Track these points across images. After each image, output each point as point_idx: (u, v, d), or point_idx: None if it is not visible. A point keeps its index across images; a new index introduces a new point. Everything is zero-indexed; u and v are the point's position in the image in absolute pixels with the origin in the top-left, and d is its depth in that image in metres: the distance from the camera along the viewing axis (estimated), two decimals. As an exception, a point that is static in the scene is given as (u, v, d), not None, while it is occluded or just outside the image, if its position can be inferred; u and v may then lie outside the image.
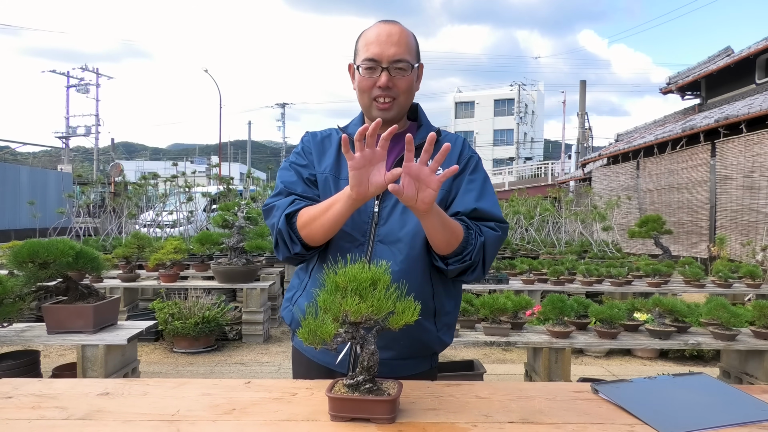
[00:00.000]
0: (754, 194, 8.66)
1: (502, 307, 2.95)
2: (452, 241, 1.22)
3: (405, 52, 1.31)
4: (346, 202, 1.17)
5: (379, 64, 1.30)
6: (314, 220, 1.23)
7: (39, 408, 1.07)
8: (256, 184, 11.82)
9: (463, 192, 1.34)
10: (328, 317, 1.00)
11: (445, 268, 1.27)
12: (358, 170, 1.11)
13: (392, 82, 1.31)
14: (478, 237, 1.26)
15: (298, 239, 1.27)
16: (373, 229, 1.31)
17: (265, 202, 1.38)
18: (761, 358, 2.90)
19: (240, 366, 4.42)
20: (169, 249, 5.20)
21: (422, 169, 1.07)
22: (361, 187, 1.12)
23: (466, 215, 1.30)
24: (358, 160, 1.09)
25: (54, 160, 32.42)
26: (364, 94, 1.34)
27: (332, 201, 1.22)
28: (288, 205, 1.30)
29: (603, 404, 1.12)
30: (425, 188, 1.08)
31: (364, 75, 1.32)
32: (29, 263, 2.60)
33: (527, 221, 9.27)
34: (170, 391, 1.17)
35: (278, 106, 45.18)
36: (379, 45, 1.29)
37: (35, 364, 3.29)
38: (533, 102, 51.39)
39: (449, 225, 1.21)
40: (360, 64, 1.32)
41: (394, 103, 1.33)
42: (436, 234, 1.20)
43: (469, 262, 1.24)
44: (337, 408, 1.01)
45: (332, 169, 1.37)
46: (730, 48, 14.53)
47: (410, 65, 1.32)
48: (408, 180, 1.08)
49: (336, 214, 1.20)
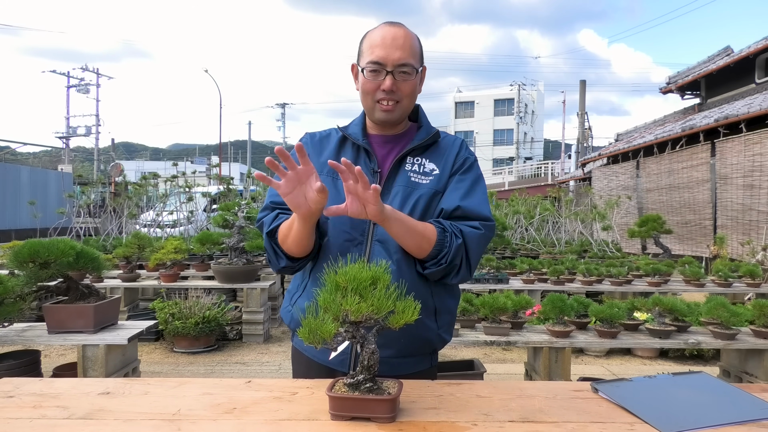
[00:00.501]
0: (754, 194, 8.66)
1: (502, 306, 2.95)
2: (424, 245, 1.24)
3: (410, 56, 1.31)
4: (300, 221, 1.20)
5: (383, 67, 1.30)
6: (287, 237, 1.27)
7: (40, 407, 1.08)
8: (257, 184, 11.81)
9: (450, 191, 1.35)
10: (328, 316, 1.00)
11: (422, 272, 1.29)
12: (290, 194, 1.13)
13: (396, 85, 1.32)
14: (454, 239, 1.25)
15: (283, 253, 1.30)
16: (372, 229, 1.32)
17: (257, 217, 1.41)
18: (761, 357, 2.91)
19: (240, 366, 4.42)
20: (169, 249, 5.21)
21: (356, 187, 1.11)
22: (301, 207, 1.15)
23: (449, 213, 1.31)
24: (285, 186, 1.13)
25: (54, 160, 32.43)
26: (368, 96, 1.35)
27: (292, 219, 1.24)
28: (271, 221, 1.33)
29: (603, 403, 1.13)
30: (367, 203, 1.12)
31: (369, 77, 1.32)
32: (30, 263, 2.60)
33: (527, 221, 9.27)
34: (171, 391, 1.17)
35: (278, 106, 45.16)
36: (384, 48, 1.30)
37: (36, 364, 3.29)
38: (533, 102, 51.38)
39: (416, 230, 1.23)
40: (365, 66, 1.33)
41: (397, 105, 1.34)
42: (403, 239, 1.23)
43: (445, 265, 1.25)
44: (338, 407, 1.01)
45: (329, 169, 1.36)
46: (730, 47, 14.53)
47: (414, 69, 1.33)
48: (351, 198, 1.12)
49: (298, 232, 1.23)
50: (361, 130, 1.41)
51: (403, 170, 1.37)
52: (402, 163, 1.37)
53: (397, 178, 1.36)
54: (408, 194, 1.33)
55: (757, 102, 9.62)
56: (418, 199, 1.32)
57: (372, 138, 1.42)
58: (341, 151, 1.41)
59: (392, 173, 1.36)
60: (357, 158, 1.39)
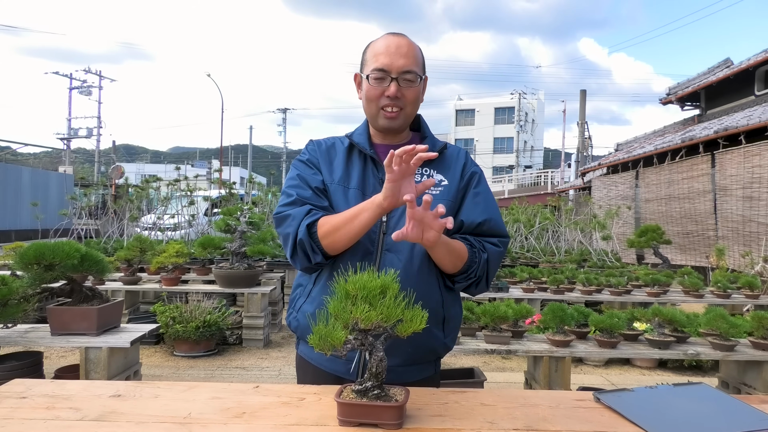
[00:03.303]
0: (753, 205, 8.70)
1: (503, 315, 2.97)
2: (458, 262, 1.30)
3: (413, 64, 1.35)
4: (374, 211, 1.22)
5: (388, 74, 1.33)
6: (338, 230, 1.26)
7: (53, 408, 1.10)
8: (258, 189, 11.85)
9: (470, 206, 1.39)
10: (338, 324, 1.02)
11: (453, 286, 1.36)
12: (395, 182, 1.16)
13: (401, 92, 1.34)
14: (482, 254, 1.33)
15: (320, 249, 1.30)
16: (381, 238, 1.33)
17: (276, 210, 1.39)
18: (759, 368, 2.92)
19: (240, 370, 4.43)
20: (171, 252, 5.22)
21: (426, 214, 1.12)
22: (394, 197, 1.19)
23: (472, 229, 1.36)
24: (396, 174, 1.15)
25: (55, 161, 32.43)
26: (372, 103, 1.37)
27: (359, 210, 1.25)
28: (305, 214, 1.32)
29: (605, 412, 1.15)
30: (429, 230, 1.14)
31: (373, 84, 1.35)
32: (35, 265, 2.62)
33: (527, 229, 9.29)
34: (181, 394, 1.19)
35: (279, 111, 45.25)
36: (388, 56, 1.33)
37: (38, 366, 3.30)
38: (533, 110, 51.55)
39: (454, 249, 1.28)
40: (369, 73, 1.35)
41: (401, 113, 1.37)
42: (443, 260, 1.29)
43: (474, 279, 1.33)
44: (346, 413, 1.03)
45: (342, 179, 1.39)
46: (730, 60, 14.63)
47: (418, 76, 1.36)
48: (413, 223, 1.14)
49: (363, 223, 1.24)
50: (366, 139, 1.43)
51: None
52: None
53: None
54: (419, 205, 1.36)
55: (757, 114, 9.68)
56: None
57: (378, 147, 1.43)
58: (350, 161, 1.42)
59: None
60: (365, 168, 1.40)
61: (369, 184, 1.38)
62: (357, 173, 1.40)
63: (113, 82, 34.36)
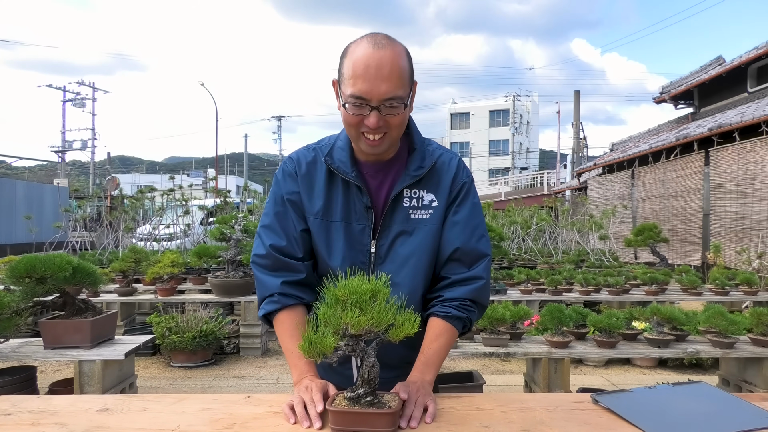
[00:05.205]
0: (747, 202, 8.72)
1: (501, 317, 2.95)
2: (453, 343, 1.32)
3: (397, 87, 1.14)
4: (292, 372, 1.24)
5: (368, 102, 1.13)
6: (281, 341, 1.28)
7: (38, 425, 1.07)
8: (254, 197, 11.82)
9: (448, 227, 1.30)
10: (328, 330, 1.00)
11: None
12: None
13: (383, 120, 1.16)
14: (471, 314, 1.29)
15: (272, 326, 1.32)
16: (371, 270, 1.28)
17: (259, 224, 1.33)
18: (760, 365, 2.91)
19: (238, 380, 4.39)
20: (166, 262, 5.19)
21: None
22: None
23: (447, 256, 1.29)
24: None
25: (50, 174, 32.37)
26: (351, 128, 1.20)
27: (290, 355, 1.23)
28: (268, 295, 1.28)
29: (604, 414, 1.13)
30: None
31: (352, 111, 1.16)
32: (26, 278, 2.59)
33: (524, 231, 9.29)
34: (170, 407, 1.16)
35: (274, 119, 45.27)
36: (367, 81, 1.12)
37: (32, 380, 3.26)
38: (528, 112, 51.72)
39: (446, 351, 1.28)
40: (346, 100, 1.15)
41: (385, 138, 1.19)
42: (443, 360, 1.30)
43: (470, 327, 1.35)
44: (338, 421, 1.01)
45: (323, 211, 1.28)
46: (722, 57, 14.70)
47: (403, 102, 1.16)
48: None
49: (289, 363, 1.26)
50: (348, 157, 1.26)
51: (401, 207, 1.27)
52: (399, 199, 1.27)
53: (394, 217, 1.27)
54: (410, 234, 1.27)
55: (750, 111, 9.72)
56: (421, 240, 1.27)
57: (362, 166, 1.28)
58: (332, 185, 1.28)
59: (389, 211, 1.26)
60: (348, 192, 1.27)
61: (354, 212, 1.27)
62: (340, 202, 1.27)
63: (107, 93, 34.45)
